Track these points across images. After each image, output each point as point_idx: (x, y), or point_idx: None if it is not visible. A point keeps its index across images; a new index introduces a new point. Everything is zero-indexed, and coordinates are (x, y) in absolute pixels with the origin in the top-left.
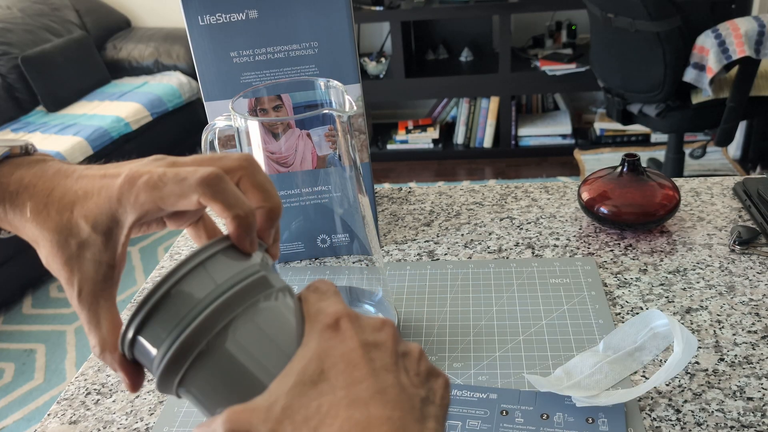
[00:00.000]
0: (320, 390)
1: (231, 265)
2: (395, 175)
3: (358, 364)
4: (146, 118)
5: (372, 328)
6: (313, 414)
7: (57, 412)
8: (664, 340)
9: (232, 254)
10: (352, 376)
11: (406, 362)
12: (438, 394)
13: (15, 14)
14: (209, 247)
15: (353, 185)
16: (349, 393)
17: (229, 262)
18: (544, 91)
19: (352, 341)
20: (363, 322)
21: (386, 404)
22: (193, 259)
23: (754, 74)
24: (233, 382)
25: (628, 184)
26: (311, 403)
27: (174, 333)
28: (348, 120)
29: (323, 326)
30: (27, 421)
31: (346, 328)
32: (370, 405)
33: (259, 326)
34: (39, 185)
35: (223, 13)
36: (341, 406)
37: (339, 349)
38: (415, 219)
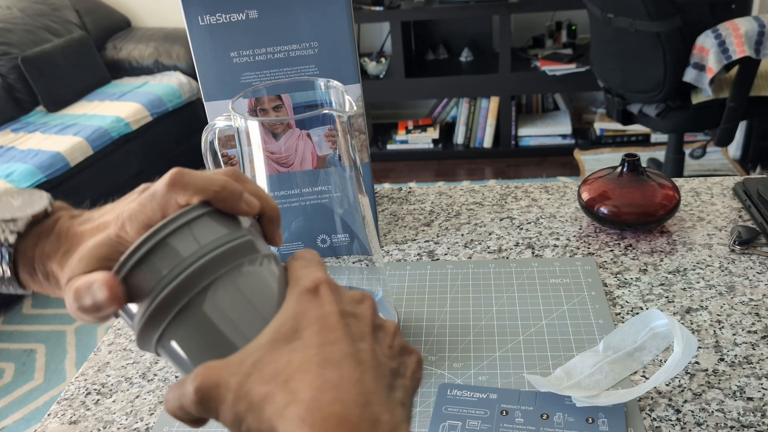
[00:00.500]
0: (293, 347)
1: (217, 227)
2: (395, 175)
3: (334, 328)
4: (146, 118)
5: (351, 300)
6: (283, 368)
7: (57, 412)
8: (664, 340)
9: (219, 218)
10: (327, 337)
11: (381, 335)
12: (409, 368)
13: (15, 14)
14: (196, 208)
15: (353, 185)
16: (322, 351)
17: (216, 225)
18: (544, 91)
19: (330, 306)
20: (343, 292)
21: (358, 367)
22: (180, 218)
23: (754, 74)
24: (210, 343)
25: (628, 184)
26: (282, 358)
27: (156, 289)
28: (348, 120)
29: (303, 289)
30: (27, 421)
31: (325, 294)
32: (343, 366)
33: (240, 289)
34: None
35: (223, 13)
36: (312, 363)
37: (316, 311)
38: (415, 219)
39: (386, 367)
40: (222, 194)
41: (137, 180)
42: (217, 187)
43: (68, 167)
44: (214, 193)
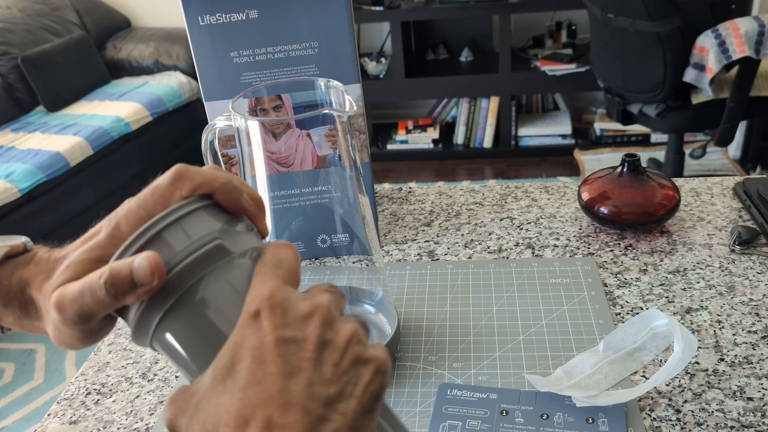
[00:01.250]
0: (225, 386)
1: (212, 221)
2: (395, 175)
3: (264, 362)
4: (146, 118)
5: (297, 318)
6: (212, 415)
7: (57, 412)
8: (664, 340)
9: (215, 212)
10: (254, 374)
11: (327, 354)
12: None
13: (15, 14)
14: (195, 201)
15: (353, 185)
16: (244, 396)
17: (211, 219)
18: (544, 91)
19: (265, 335)
20: (288, 310)
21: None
22: (177, 211)
23: (754, 74)
24: (203, 337)
25: (628, 184)
26: (213, 401)
27: None
28: (348, 120)
29: (247, 313)
30: (27, 421)
31: (264, 318)
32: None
33: (231, 283)
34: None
35: (223, 13)
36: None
37: (251, 341)
38: (415, 219)
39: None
40: (226, 188)
41: (137, 180)
42: (223, 181)
43: (68, 167)
44: (220, 185)
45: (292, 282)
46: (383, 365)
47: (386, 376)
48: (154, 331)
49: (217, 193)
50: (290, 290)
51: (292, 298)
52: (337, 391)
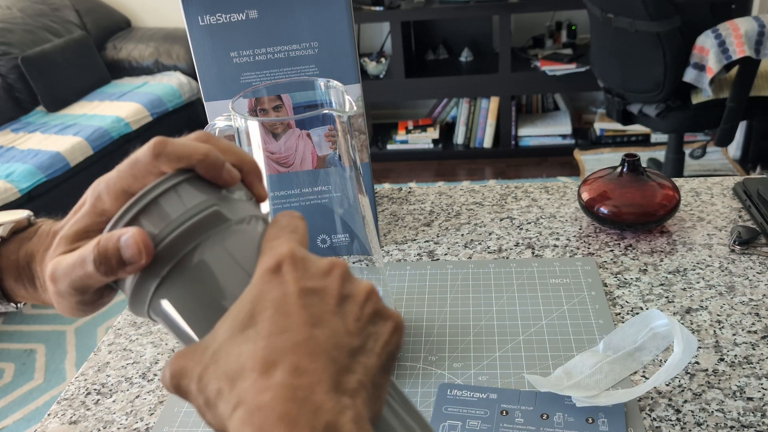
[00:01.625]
0: (246, 336)
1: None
2: (395, 175)
3: (288, 312)
4: (146, 118)
5: (318, 273)
6: (233, 362)
7: (57, 412)
8: (664, 340)
9: (202, 183)
10: (278, 324)
11: (347, 307)
12: (381, 339)
13: (15, 14)
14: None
15: (353, 185)
16: (269, 343)
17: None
18: (544, 91)
19: (289, 286)
20: (309, 265)
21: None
22: (166, 182)
23: (754, 74)
24: (201, 305)
25: (628, 184)
26: (234, 350)
27: None
28: (348, 120)
29: (265, 268)
30: (27, 421)
31: (286, 272)
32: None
33: (228, 249)
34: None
35: (223, 13)
36: (258, 357)
37: (273, 293)
38: (415, 219)
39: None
40: (205, 162)
41: None
42: (201, 155)
43: (68, 167)
44: (197, 161)
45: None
46: (400, 323)
47: (402, 335)
48: (151, 300)
49: (198, 167)
50: (306, 251)
51: (310, 256)
52: (359, 344)
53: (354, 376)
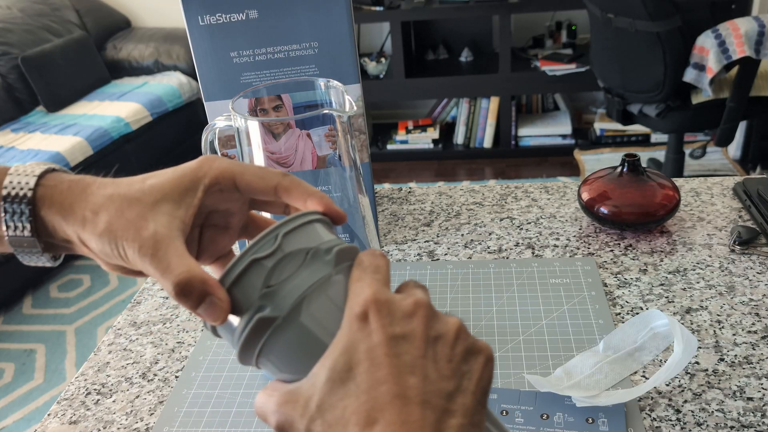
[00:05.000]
0: (347, 390)
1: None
2: (395, 175)
3: (382, 364)
4: (146, 118)
5: (402, 316)
6: (339, 417)
7: (57, 412)
8: (664, 340)
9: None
10: (375, 377)
11: (438, 348)
12: (475, 376)
13: (15, 14)
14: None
15: (353, 185)
16: (370, 397)
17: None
18: (544, 91)
19: (378, 335)
20: (393, 309)
21: (404, 408)
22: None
23: (754, 74)
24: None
25: (628, 184)
26: (339, 404)
27: (254, 305)
28: (348, 120)
29: (353, 315)
30: (27, 421)
31: (373, 320)
32: (389, 410)
33: (330, 298)
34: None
35: (223, 13)
36: (362, 412)
37: (365, 344)
38: (415, 219)
39: (440, 394)
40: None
41: None
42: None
43: (68, 167)
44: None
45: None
46: (491, 356)
47: (493, 366)
48: (259, 353)
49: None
50: (389, 291)
51: (394, 297)
52: (455, 386)
53: (454, 419)
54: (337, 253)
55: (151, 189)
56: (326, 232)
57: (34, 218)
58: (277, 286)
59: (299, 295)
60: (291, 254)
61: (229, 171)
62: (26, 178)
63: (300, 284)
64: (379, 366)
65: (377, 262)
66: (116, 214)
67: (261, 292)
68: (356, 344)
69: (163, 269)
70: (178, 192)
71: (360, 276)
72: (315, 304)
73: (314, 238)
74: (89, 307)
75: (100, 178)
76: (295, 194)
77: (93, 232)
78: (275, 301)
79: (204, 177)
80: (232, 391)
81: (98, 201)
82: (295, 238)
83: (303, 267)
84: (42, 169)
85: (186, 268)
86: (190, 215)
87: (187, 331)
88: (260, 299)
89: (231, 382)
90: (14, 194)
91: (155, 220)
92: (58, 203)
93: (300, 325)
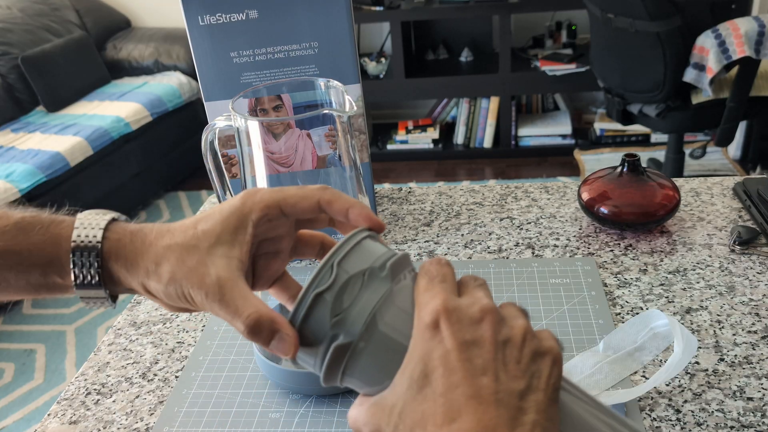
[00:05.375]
0: (425, 395)
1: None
2: (395, 175)
3: (456, 368)
4: (146, 118)
5: (471, 323)
6: (419, 420)
7: (57, 412)
8: (664, 340)
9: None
10: (450, 380)
11: (507, 351)
12: (543, 375)
13: (15, 14)
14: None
15: (353, 185)
16: (447, 400)
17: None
18: (544, 91)
19: (450, 342)
20: (462, 317)
21: (479, 407)
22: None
23: (754, 74)
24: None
25: (628, 184)
26: (418, 408)
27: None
28: (348, 120)
29: (424, 325)
30: (27, 421)
31: (444, 328)
32: (465, 411)
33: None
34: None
35: (223, 13)
36: (439, 414)
37: (438, 351)
38: (415, 219)
39: (512, 395)
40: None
41: (137, 180)
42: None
43: (68, 167)
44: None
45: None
46: (558, 356)
47: (561, 365)
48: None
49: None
50: (456, 297)
51: (461, 304)
52: (525, 385)
53: (528, 416)
54: (391, 267)
55: (204, 234)
56: (376, 246)
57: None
58: (345, 313)
59: (367, 317)
60: (350, 280)
61: (273, 200)
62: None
63: (365, 306)
64: (453, 370)
65: (443, 271)
66: (177, 263)
67: (331, 321)
68: (430, 352)
69: (233, 313)
70: (228, 233)
71: (428, 286)
72: (384, 320)
73: (366, 257)
74: None
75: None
76: (336, 206)
77: (159, 282)
78: (346, 328)
79: (250, 213)
80: (232, 391)
81: (159, 252)
82: (350, 263)
83: (363, 289)
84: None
85: (254, 309)
86: (245, 252)
87: (187, 331)
88: (332, 329)
89: (231, 382)
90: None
91: (214, 264)
92: (123, 257)
93: (374, 343)
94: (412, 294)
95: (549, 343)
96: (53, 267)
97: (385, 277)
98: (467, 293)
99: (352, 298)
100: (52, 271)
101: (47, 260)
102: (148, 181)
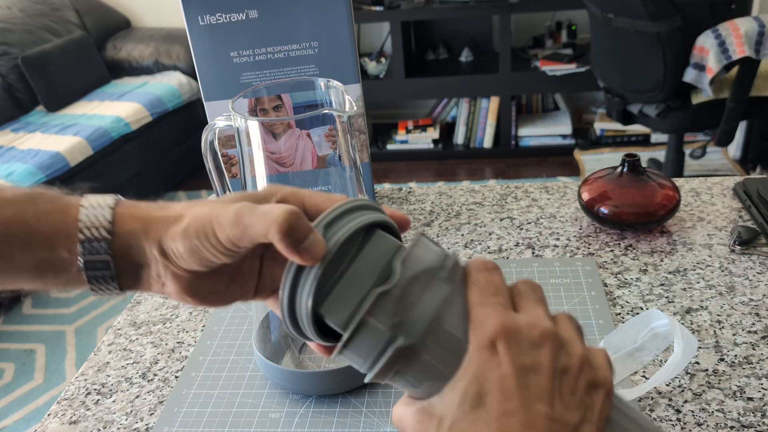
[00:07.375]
0: (478, 415)
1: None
2: (395, 175)
3: (512, 395)
4: (146, 118)
5: (530, 347)
6: None
7: (57, 412)
8: (664, 340)
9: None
10: (505, 406)
11: (564, 381)
12: (596, 408)
13: (15, 14)
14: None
15: (353, 185)
16: (501, 425)
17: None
18: (544, 91)
19: (507, 366)
20: (521, 339)
21: None
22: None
23: (754, 74)
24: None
25: (628, 185)
26: (470, 427)
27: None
28: (348, 120)
29: (481, 344)
30: (27, 421)
31: (501, 351)
32: None
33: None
34: None
35: (223, 13)
36: None
37: (495, 374)
38: (415, 219)
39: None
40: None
41: (137, 180)
42: None
43: (68, 167)
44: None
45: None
46: (611, 389)
47: (613, 399)
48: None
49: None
50: (515, 316)
51: (520, 325)
52: (580, 417)
53: None
54: (450, 268)
55: (225, 197)
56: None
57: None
58: (407, 314)
59: (430, 320)
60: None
61: (298, 192)
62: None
63: (427, 308)
64: (510, 397)
65: (494, 281)
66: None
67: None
68: (486, 373)
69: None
70: (253, 199)
71: (481, 300)
72: (444, 325)
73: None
74: (89, 307)
75: None
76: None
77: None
78: (407, 329)
79: (275, 194)
80: (232, 391)
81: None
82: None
83: (424, 290)
84: (115, 198)
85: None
86: None
87: (187, 331)
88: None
89: (231, 382)
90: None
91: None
92: (138, 217)
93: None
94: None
95: (604, 374)
96: (60, 237)
97: (444, 279)
98: (526, 309)
99: (414, 299)
100: (58, 241)
101: (55, 227)
102: (148, 181)
